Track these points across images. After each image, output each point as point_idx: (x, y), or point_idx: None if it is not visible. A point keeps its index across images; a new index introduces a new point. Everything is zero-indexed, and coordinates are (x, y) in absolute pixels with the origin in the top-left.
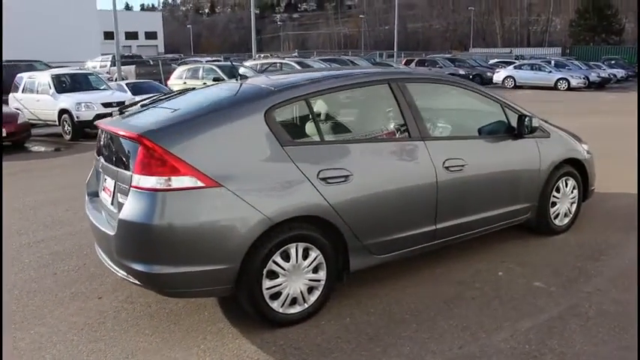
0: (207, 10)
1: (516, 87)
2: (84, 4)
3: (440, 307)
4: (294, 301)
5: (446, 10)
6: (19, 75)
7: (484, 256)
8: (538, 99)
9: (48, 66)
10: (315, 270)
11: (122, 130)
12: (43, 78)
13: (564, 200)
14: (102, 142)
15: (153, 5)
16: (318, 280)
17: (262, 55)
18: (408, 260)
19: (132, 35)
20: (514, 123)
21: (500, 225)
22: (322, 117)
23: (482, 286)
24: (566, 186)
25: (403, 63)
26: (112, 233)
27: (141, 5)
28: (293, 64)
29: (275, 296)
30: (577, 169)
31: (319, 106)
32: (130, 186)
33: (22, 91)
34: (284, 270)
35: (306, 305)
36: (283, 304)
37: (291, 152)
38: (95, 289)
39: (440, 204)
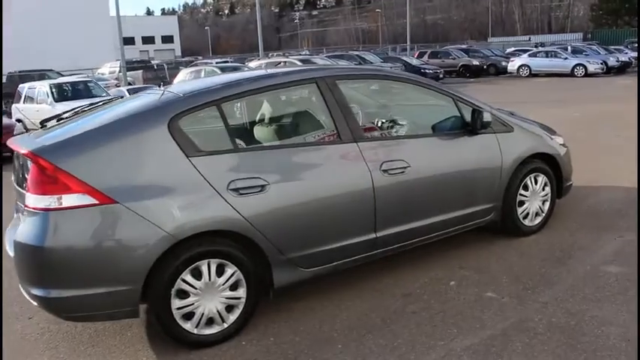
0: (226, 12)
1: (532, 75)
2: (97, 11)
3: (375, 324)
4: (210, 321)
5: (465, 1)
6: (20, 85)
7: (441, 263)
8: (549, 87)
9: (60, 75)
10: (234, 287)
11: (20, 148)
12: (42, 87)
13: (534, 199)
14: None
15: (173, 9)
16: (238, 298)
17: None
18: (355, 270)
19: (148, 40)
20: (469, 118)
21: (458, 229)
22: (237, 123)
23: (430, 298)
24: (536, 183)
25: (415, 56)
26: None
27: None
28: (296, 62)
29: (188, 316)
30: (549, 164)
31: (233, 111)
32: (25, 206)
33: (23, 101)
34: (195, 289)
35: (226, 325)
36: (198, 324)
37: (197, 163)
38: (29, 308)
39: (379, 211)
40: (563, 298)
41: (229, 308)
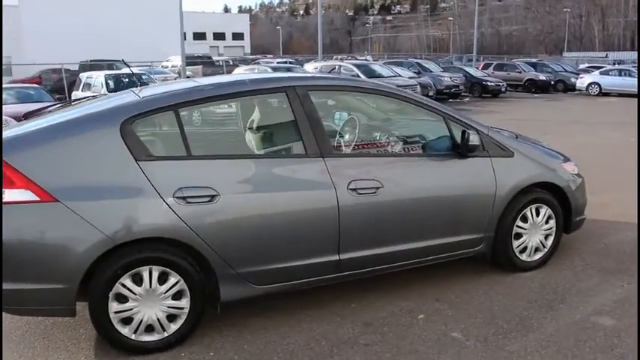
0: (301, 12)
1: (602, 94)
2: (170, 6)
3: (320, 353)
4: (150, 329)
5: (542, 13)
6: (81, 74)
7: (418, 292)
8: (614, 108)
9: (127, 65)
10: (178, 296)
11: None
12: (98, 77)
13: (534, 232)
14: None
15: (250, 7)
16: (181, 308)
17: (338, 58)
18: (325, 289)
19: (219, 36)
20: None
21: (440, 258)
22: (195, 129)
23: (390, 330)
24: (537, 215)
25: (480, 67)
26: None
27: (239, 7)
28: (352, 67)
29: (126, 321)
30: (556, 195)
31: (192, 117)
32: None
33: (82, 89)
34: (135, 294)
35: (166, 334)
36: (136, 330)
37: (146, 168)
38: None
39: (344, 232)
40: (534, 350)
41: (171, 317)
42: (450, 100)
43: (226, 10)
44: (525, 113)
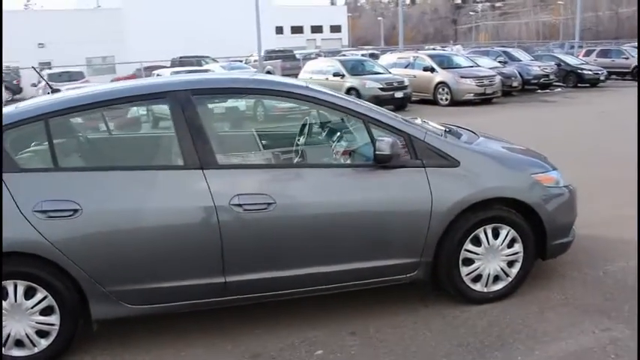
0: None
1: None
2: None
3: None
4: (20, 344)
5: None
6: (154, 71)
7: (337, 322)
8: None
9: (215, 61)
10: (49, 312)
11: None
12: (166, 74)
13: (492, 257)
14: None
15: None
16: (51, 325)
17: (433, 47)
18: (229, 312)
19: (317, 29)
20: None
21: (361, 284)
22: (66, 140)
23: None
24: (496, 237)
25: (581, 54)
26: None
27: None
28: (426, 57)
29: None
30: (525, 213)
31: (63, 128)
32: None
33: None
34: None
35: (37, 349)
36: (5, 343)
37: (8, 180)
38: None
39: (228, 252)
40: None
41: (41, 333)
42: (539, 90)
43: (332, 3)
44: (619, 104)
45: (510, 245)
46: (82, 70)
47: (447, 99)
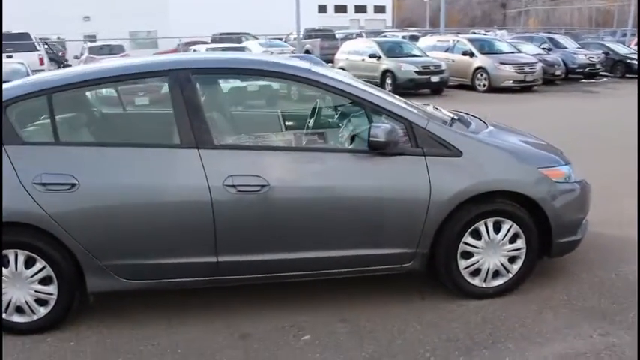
0: None
1: None
2: None
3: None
4: (20, 310)
5: None
6: (191, 47)
7: (327, 308)
8: None
9: (255, 38)
10: (48, 281)
11: None
12: (202, 50)
13: (492, 252)
14: None
15: None
16: (50, 294)
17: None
18: (218, 290)
19: (361, 9)
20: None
21: (354, 272)
22: (69, 115)
23: (262, 347)
24: (498, 231)
25: (633, 44)
26: None
27: None
28: (465, 42)
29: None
30: (530, 208)
31: (66, 103)
32: None
33: None
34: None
35: (36, 317)
36: (6, 310)
37: (11, 152)
38: None
39: (220, 232)
40: None
41: (41, 302)
42: (584, 80)
43: None
44: None
45: (513, 240)
46: (124, 44)
47: (484, 85)
